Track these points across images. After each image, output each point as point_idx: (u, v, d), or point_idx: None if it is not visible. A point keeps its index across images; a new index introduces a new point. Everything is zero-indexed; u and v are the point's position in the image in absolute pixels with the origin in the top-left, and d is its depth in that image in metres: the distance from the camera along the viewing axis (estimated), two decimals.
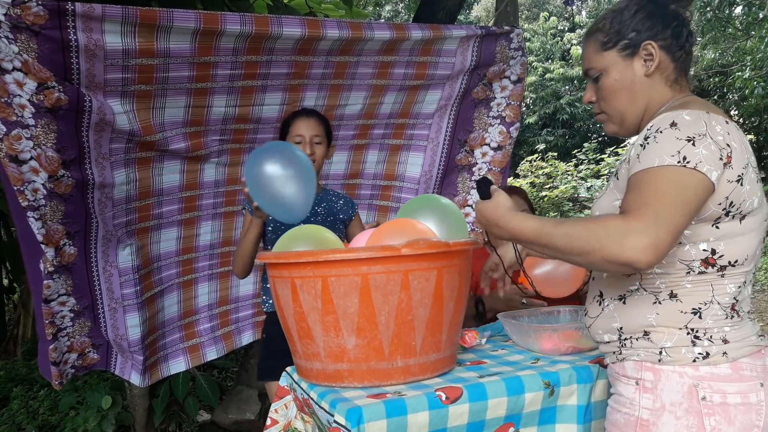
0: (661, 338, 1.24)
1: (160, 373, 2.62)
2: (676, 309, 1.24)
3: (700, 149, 1.15)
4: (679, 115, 1.20)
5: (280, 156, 1.85)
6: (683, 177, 1.13)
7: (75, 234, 2.14)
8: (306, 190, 1.84)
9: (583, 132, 13.85)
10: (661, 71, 1.32)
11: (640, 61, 1.32)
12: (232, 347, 2.86)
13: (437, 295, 1.43)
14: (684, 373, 1.21)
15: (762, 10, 8.37)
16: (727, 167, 1.17)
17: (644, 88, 1.33)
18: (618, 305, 1.31)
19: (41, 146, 1.93)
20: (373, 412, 1.28)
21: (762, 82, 8.44)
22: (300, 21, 2.14)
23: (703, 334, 1.22)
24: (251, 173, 1.83)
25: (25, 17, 1.77)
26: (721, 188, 1.17)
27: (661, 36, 1.31)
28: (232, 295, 2.82)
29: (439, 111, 2.68)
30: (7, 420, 3.41)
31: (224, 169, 2.54)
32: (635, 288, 1.29)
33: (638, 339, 1.27)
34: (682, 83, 1.34)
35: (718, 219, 1.20)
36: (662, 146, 1.17)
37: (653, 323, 1.25)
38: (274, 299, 1.55)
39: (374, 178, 2.86)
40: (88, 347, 2.36)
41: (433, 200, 1.73)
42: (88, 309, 2.28)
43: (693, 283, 1.23)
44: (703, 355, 1.21)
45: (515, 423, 1.45)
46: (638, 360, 1.26)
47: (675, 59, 1.32)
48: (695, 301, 1.23)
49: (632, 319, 1.28)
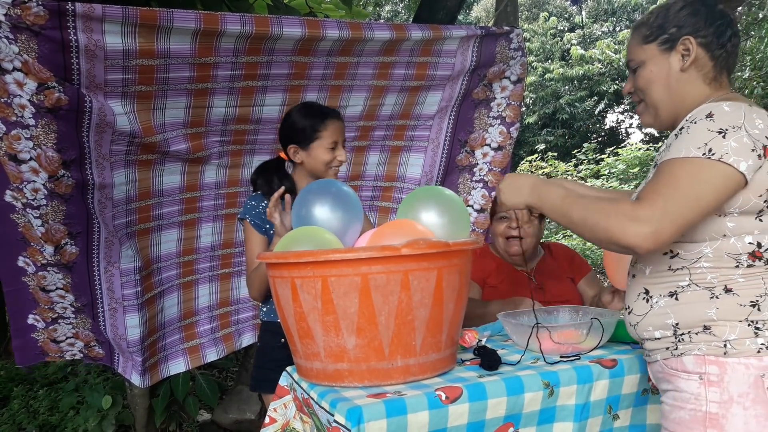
0: (724, 331, 1.25)
1: (160, 374, 2.62)
2: (734, 303, 1.25)
3: (729, 141, 1.17)
4: (719, 105, 1.22)
5: (329, 196, 1.73)
6: (703, 170, 1.17)
7: (77, 235, 2.14)
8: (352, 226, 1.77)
9: (583, 132, 13.87)
10: (699, 68, 1.34)
11: (678, 56, 1.34)
12: (232, 349, 2.85)
13: (437, 295, 1.43)
14: (750, 365, 1.23)
15: (762, 10, 8.37)
16: (765, 159, 1.19)
17: (679, 83, 1.35)
18: (669, 301, 1.31)
19: (41, 146, 1.93)
20: (373, 412, 1.29)
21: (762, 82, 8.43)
22: (300, 21, 2.14)
23: (763, 325, 1.24)
24: (299, 216, 1.73)
25: (26, 17, 1.76)
26: (760, 180, 1.20)
27: (702, 33, 1.32)
28: (232, 296, 2.82)
29: (439, 112, 2.68)
30: (7, 420, 3.41)
31: (225, 171, 2.54)
32: (686, 284, 1.29)
33: (698, 333, 1.27)
34: (722, 82, 1.36)
35: (761, 212, 1.23)
36: (692, 137, 1.20)
37: (714, 317, 1.26)
38: (274, 299, 1.55)
39: (375, 180, 2.86)
40: (93, 341, 2.37)
41: (436, 191, 1.71)
42: (87, 307, 2.28)
43: (745, 276, 1.25)
44: (766, 346, 1.23)
45: (515, 423, 1.46)
46: (700, 354, 1.27)
47: (714, 57, 1.33)
48: (751, 294, 1.25)
49: (689, 315, 1.29)
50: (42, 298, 2.19)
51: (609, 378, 1.56)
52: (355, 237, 1.79)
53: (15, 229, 2.07)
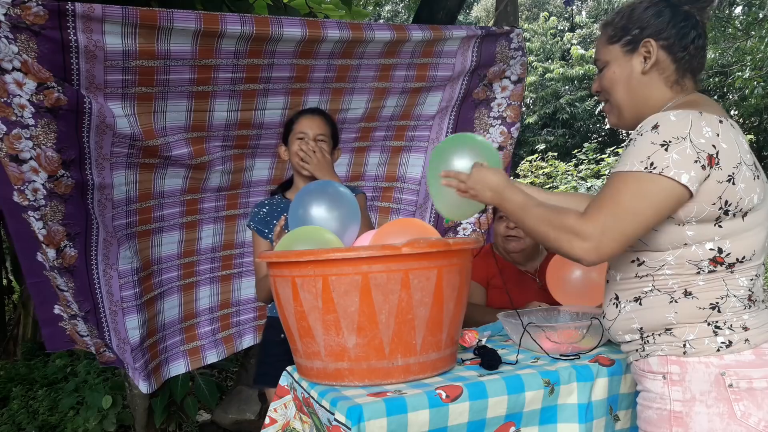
0: (684, 332, 1.26)
1: (163, 376, 2.62)
2: (693, 306, 1.26)
3: (671, 154, 1.18)
4: (666, 116, 1.22)
5: (326, 197, 1.77)
6: (644, 184, 1.20)
7: (75, 236, 2.14)
8: (350, 228, 1.79)
9: (583, 132, 13.87)
10: (660, 70, 1.34)
11: (639, 58, 1.34)
12: (232, 350, 2.85)
13: (437, 294, 1.43)
14: (710, 363, 1.24)
15: (762, 10, 8.37)
16: (713, 168, 1.19)
17: (641, 85, 1.35)
18: (634, 306, 1.33)
19: (41, 146, 1.92)
20: (374, 411, 1.29)
21: (762, 82, 8.43)
22: (300, 21, 2.14)
23: (723, 324, 1.25)
24: (296, 217, 1.76)
25: (25, 17, 1.76)
26: (709, 189, 1.20)
27: (665, 35, 1.32)
28: (233, 298, 2.81)
29: (440, 113, 2.68)
30: (7, 420, 3.41)
31: (228, 176, 2.51)
32: (649, 289, 1.31)
33: (660, 335, 1.29)
34: (685, 84, 1.35)
35: (718, 218, 1.22)
36: (637, 150, 1.22)
37: (673, 321, 1.27)
38: (274, 298, 1.55)
39: (376, 180, 2.86)
40: (102, 347, 2.37)
41: (468, 138, 1.67)
42: (90, 314, 2.29)
43: (705, 281, 1.26)
44: (726, 344, 1.24)
45: (516, 422, 1.46)
46: (663, 355, 1.28)
47: (676, 60, 1.33)
48: (711, 297, 1.26)
49: (651, 319, 1.30)
50: (60, 295, 2.20)
51: (608, 376, 1.56)
52: (353, 237, 1.79)
53: (28, 227, 2.08)
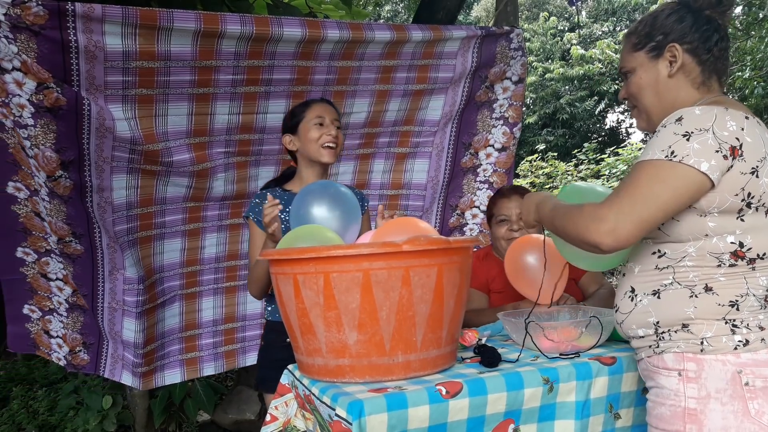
0: (701, 329, 1.27)
1: (154, 382, 2.56)
2: (713, 302, 1.27)
3: (692, 143, 1.21)
4: (691, 110, 1.26)
5: (327, 196, 1.76)
6: (664, 171, 1.22)
7: (81, 236, 2.14)
8: (351, 227, 1.79)
9: (583, 132, 13.88)
10: (686, 73, 1.38)
11: (665, 63, 1.39)
12: (233, 366, 2.77)
13: (438, 292, 1.44)
14: (726, 361, 1.25)
15: (762, 10, 8.37)
16: (736, 159, 1.22)
17: (668, 89, 1.39)
18: (652, 300, 1.34)
19: (39, 146, 1.92)
20: (374, 406, 1.29)
21: (762, 82, 8.43)
22: (300, 21, 2.14)
23: (740, 323, 1.26)
24: (298, 216, 1.75)
25: (25, 17, 1.76)
26: (732, 179, 1.23)
27: (688, 39, 1.37)
28: (239, 312, 2.73)
29: (443, 118, 2.67)
30: (7, 420, 3.42)
31: (233, 185, 2.47)
32: (669, 282, 1.32)
33: (677, 331, 1.30)
34: (711, 85, 1.39)
35: (740, 211, 1.25)
36: (659, 141, 1.25)
37: (692, 316, 1.28)
38: (276, 296, 1.55)
39: (381, 188, 2.83)
40: (79, 345, 2.34)
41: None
42: (87, 298, 2.26)
43: (726, 276, 1.27)
44: (743, 343, 1.25)
45: (515, 419, 1.46)
46: (679, 351, 1.29)
47: (701, 62, 1.37)
48: (731, 294, 1.27)
49: (669, 313, 1.31)
50: (42, 285, 2.19)
51: (608, 375, 1.56)
52: (354, 236, 1.79)
53: (15, 221, 2.07)
